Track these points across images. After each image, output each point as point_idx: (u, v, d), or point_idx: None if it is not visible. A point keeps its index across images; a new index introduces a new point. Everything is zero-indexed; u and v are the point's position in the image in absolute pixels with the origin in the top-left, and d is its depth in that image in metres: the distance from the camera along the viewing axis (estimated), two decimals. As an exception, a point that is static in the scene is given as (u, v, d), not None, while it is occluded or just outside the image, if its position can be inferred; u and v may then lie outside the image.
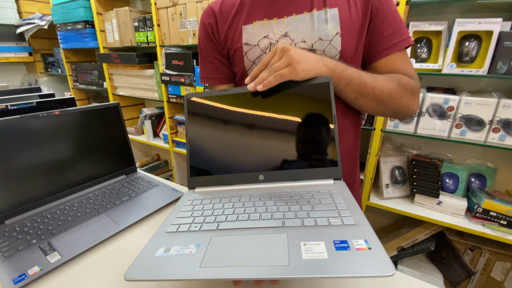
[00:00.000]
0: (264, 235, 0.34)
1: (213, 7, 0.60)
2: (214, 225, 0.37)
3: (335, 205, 0.39)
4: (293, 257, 0.29)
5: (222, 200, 0.45)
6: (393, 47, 0.53)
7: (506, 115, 0.83)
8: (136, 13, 1.54)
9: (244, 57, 0.57)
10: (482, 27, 0.79)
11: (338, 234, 0.32)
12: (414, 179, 1.05)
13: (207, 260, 0.30)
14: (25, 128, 0.60)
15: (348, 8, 0.52)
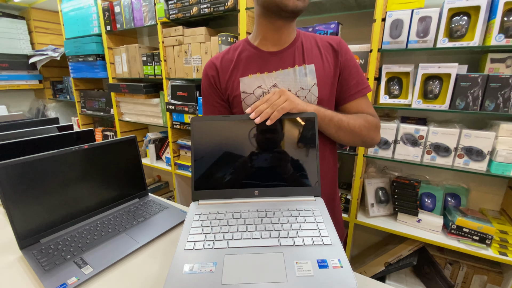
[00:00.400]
0: (266, 254, 0.44)
1: (214, 62, 0.74)
2: (224, 243, 0.47)
3: (317, 224, 0.50)
4: (290, 275, 0.39)
5: (226, 216, 0.53)
6: (358, 93, 0.69)
7: (468, 143, 0.97)
8: (144, 49, 1.70)
9: (242, 102, 0.70)
10: (441, 70, 0.95)
11: (320, 253, 0.43)
12: (395, 199, 1.17)
13: (226, 277, 0.40)
14: (60, 160, 0.71)
15: (322, 64, 0.68)
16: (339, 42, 0.69)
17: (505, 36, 0.85)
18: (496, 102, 0.89)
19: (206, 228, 0.51)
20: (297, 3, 0.59)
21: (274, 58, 0.68)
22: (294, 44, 0.68)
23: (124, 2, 1.63)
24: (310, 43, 0.69)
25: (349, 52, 0.69)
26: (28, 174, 0.65)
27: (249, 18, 1.24)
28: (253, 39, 0.72)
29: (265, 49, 0.69)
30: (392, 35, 0.97)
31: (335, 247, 0.44)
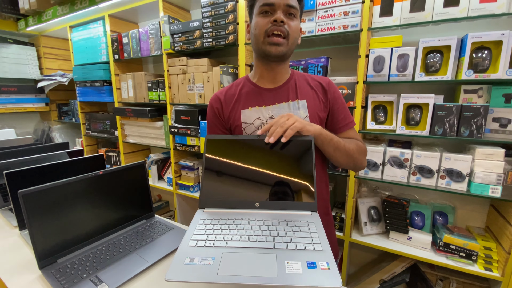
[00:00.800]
0: (260, 254, 0.49)
1: (219, 96, 0.84)
2: (223, 242, 0.53)
3: (310, 233, 0.55)
4: (280, 271, 0.45)
5: (227, 222, 0.59)
6: (345, 126, 0.80)
7: (449, 165, 1.06)
8: (150, 76, 1.82)
9: (243, 131, 0.80)
10: (420, 100, 1.06)
11: (310, 257, 0.48)
12: (387, 217, 1.24)
13: (222, 269, 0.46)
14: (77, 186, 0.79)
15: (313, 100, 0.78)
16: (328, 82, 0.80)
17: (474, 71, 0.97)
18: (470, 129, 0.99)
19: (209, 230, 0.57)
20: (279, 49, 0.71)
21: (270, 94, 0.79)
22: (288, 82, 0.79)
23: (132, 34, 1.77)
24: (302, 82, 0.80)
25: (337, 91, 0.80)
26: (48, 199, 0.73)
27: (248, 52, 1.37)
28: (252, 77, 0.83)
29: (262, 86, 0.80)
30: (375, 69, 1.09)
31: (325, 253, 0.49)
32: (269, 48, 0.70)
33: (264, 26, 0.69)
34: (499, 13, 0.90)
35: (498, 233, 1.10)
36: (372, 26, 1.08)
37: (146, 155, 2.23)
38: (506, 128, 0.98)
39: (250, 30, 0.76)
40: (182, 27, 1.51)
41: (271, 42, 0.69)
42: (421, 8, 0.99)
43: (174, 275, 0.45)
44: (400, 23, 1.03)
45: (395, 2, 1.03)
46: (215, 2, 1.36)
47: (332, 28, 1.12)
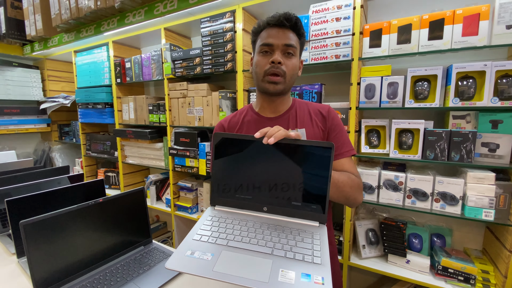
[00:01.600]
0: (257, 258, 0.50)
1: (223, 124, 0.88)
2: (225, 241, 0.54)
3: (313, 245, 0.54)
4: (272, 278, 0.45)
5: (233, 222, 0.60)
6: (342, 154, 0.80)
7: (442, 188, 1.08)
8: (151, 99, 1.88)
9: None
10: (411, 126, 1.10)
11: (306, 269, 0.47)
12: (384, 240, 1.24)
13: (218, 266, 0.47)
14: (76, 214, 0.80)
15: (312, 128, 0.81)
16: (328, 110, 0.83)
17: (460, 99, 1.02)
18: (460, 154, 1.02)
19: (215, 227, 0.59)
20: (277, 87, 0.75)
21: (271, 122, 0.82)
22: (289, 111, 0.83)
23: (134, 59, 1.84)
24: (303, 111, 0.83)
25: (336, 118, 0.83)
26: (48, 228, 0.74)
27: (245, 78, 1.42)
28: (255, 106, 0.87)
29: (264, 115, 0.84)
30: (367, 96, 1.14)
31: (323, 268, 0.48)
32: (267, 86, 0.75)
33: (263, 66, 0.74)
34: (481, 45, 0.96)
35: (494, 256, 1.11)
36: (362, 56, 1.14)
37: (145, 176, 2.24)
38: (495, 153, 1.02)
39: (252, 65, 0.81)
40: (183, 54, 1.58)
41: (269, 80, 0.74)
42: (407, 40, 1.06)
43: (173, 264, 0.48)
44: (388, 53, 1.10)
45: (383, 34, 1.09)
46: (214, 32, 1.44)
47: (324, 58, 1.18)
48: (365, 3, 1.16)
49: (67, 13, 1.73)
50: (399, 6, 1.22)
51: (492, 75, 0.96)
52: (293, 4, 1.30)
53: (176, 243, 1.86)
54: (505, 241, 1.02)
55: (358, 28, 1.11)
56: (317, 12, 1.18)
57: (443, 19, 1.00)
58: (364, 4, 1.14)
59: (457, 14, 0.98)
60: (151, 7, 1.48)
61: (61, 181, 1.32)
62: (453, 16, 0.99)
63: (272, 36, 0.73)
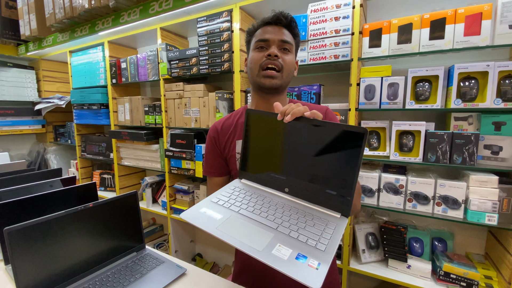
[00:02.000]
0: (260, 229, 0.51)
1: (217, 126, 0.85)
2: (237, 208, 0.57)
3: (322, 232, 0.50)
4: (266, 249, 0.46)
5: (252, 195, 0.62)
6: None
7: (444, 192, 1.06)
8: (147, 100, 1.85)
9: (237, 162, 0.80)
10: (412, 127, 1.08)
11: (305, 250, 0.46)
12: (385, 244, 1.21)
13: (222, 227, 0.52)
14: (65, 220, 0.77)
15: None
16: (326, 110, 0.80)
17: (462, 100, 0.99)
18: (462, 156, 1.00)
19: (234, 196, 0.63)
20: (273, 82, 0.72)
21: None
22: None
23: (130, 59, 1.81)
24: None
25: (334, 117, 0.80)
26: (35, 235, 0.70)
27: (242, 79, 1.40)
28: (250, 107, 0.84)
29: None
30: (366, 97, 1.11)
31: (324, 255, 0.45)
32: (263, 81, 0.72)
33: (259, 60, 0.72)
34: (483, 45, 0.94)
35: (497, 261, 1.08)
36: (362, 56, 1.11)
37: (141, 178, 2.20)
38: (498, 156, 0.99)
39: (247, 64, 0.79)
40: (179, 54, 1.55)
41: (265, 75, 0.72)
42: (408, 40, 1.03)
43: (187, 216, 0.55)
44: (388, 53, 1.07)
45: (383, 34, 1.07)
46: (211, 32, 1.41)
47: (323, 58, 1.16)
48: (364, 2, 1.14)
49: (61, 12, 1.70)
50: (399, 5, 1.20)
51: (495, 76, 0.94)
52: (291, 3, 1.27)
53: (172, 247, 1.82)
54: (509, 246, 1.00)
55: (357, 28, 1.08)
56: (316, 11, 1.16)
57: (444, 18, 0.98)
58: (364, 3, 1.12)
59: (458, 13, 0.96)
60: (146, 6, 1.46)
61: (53, 183, 1.28)
62: (455, 15, 0.96)
63: (268, 32, 0.72)
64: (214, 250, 1.99)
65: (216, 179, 0.87)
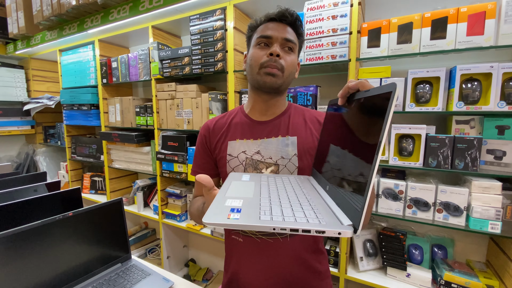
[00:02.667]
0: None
1: (209, 125, 0.80)
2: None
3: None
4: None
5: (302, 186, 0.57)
6: None
7: (445, 198, 1.01)
8: (138, 101, 1.79)
9: (227, 164, 0.75)
10: (412, 131, 1.03)
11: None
12: (383, 252, 1.17)
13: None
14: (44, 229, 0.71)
15: (306, 137, 0.73)
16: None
17: (465, 103, 0.95)
18: (465, 161, 0.96)
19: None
20: (274, 80, 0.68)
21: (260, 126, 0.75)
22: (281, 116, 0.75)
23: (121, 58, 1.75)
24: (297, 117, 0.76)
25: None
26: (7, 247, 0.65)
27: (237, 79, 1.34)
28: (245, 107, 0.80)
29: (254, 118, 0.76)
30: (365, 100, 1.07)
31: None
32: (264, 78, 0.68)
33: (259, 58, 0.68)
34: (487, 46, 0.89)
35: (499, 270, 1.04)
36: (360, 57, 1.07)
37: (132, 181, 2.14)
38: (501, 161, 0.95)
39: (246, 61, 0.74)
40: (171, 54, 1.49)
41: (266, 72, 0.67)
42: (408, 40, 0.99)
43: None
44: (388, 54, 1.03)
45: (382, 33, 1.02)
46: (204, 30, 1.36)
47: (320, 58, 1.11)
48: (362, 0, 1.09)
49: (48, 9, 1.64)
50: (399, 3, 1.16)
51: (498, 78, 0.90)
52: (287, 1, 1.22)
53: (164, 253, 1.76)
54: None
55: (355, 27, 1.04)
56: (312, 9, 1.11)
57: (446, 17, 0.93)
58: (362, 1, 1.07)
59: (461, 12, 0.91)
60: (136, 2, 1.40)
61: (37, 188, 1.22)
62: (457, 14, 0.92)
63: (271, 28, 0.68)
64: (208, 256, 1.93)
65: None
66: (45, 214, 0.93)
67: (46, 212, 0.94)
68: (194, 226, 1.60)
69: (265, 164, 0.72)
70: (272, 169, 0.72)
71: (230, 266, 0.78)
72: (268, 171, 0.72)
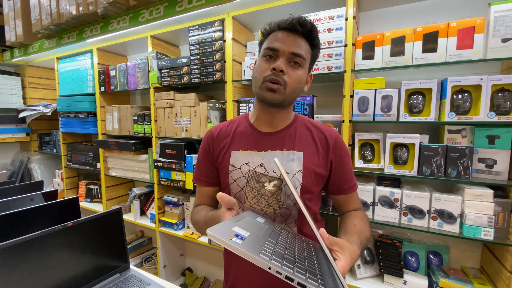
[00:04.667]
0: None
1: (213, 132, 0.80)
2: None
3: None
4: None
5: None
6: (349, 189, 0.76)
7: (439, 206, 1.04)
8: (136, 109, 1.79)
9: (229, 175, 0.75)
10: (406, 140, 1.06)
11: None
12: (380, 259, 1.18)
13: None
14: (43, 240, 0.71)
15: (312, 154, 0.72)
16: (336, 139, 0.74)
17: (456, 113, 0.98)
18: (457, 170, 0.98)
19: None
20: (275, 96, 0.66)
21: (265, 138, 0.74)
22: (287, 129, 0.74)
23: (119, 67, 1.76)
24: (304, 131, 0.75)
25: (344, 150, 0.75)
26: (4, 259, 0.64)
27: (235, 89, 1.37)
28: (251, 116, 0.79)
29: (259, 128, 0.75)
30: (360, 109, 1.10)
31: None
32: (265, 94, 0.66)
33: (263, 71, 0.66)
34: (476, 59, 0.93)
35: (493, 276, 1.06)
36: (355, 68, 1.10)
37: (129, 189, 2.12)
38: (493, 169, 0.98)
39: (253, 70, 0.72)
40: (170, 63, 1.51)
41: (267, 87, 0.65)
42: (401, 53, 1.02)
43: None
44: (382, 66, 1.06)
45: (376, 46, 1.06)
46: (203, 41, 1.39)
47: (316, 69, 1.14)
48: (357, 14, 1.14)
49: (47, 18, 1.65)
50: (391, 18, 1.20)
51: (488, 89, 0.94)
52: (284, 14, 1.26)
53: (160, 261, 1.75)
54: (505, 261, 0.98)
55: (350, 39, 1.07)
56: (309, 22, 1.15)
57: (437, 31, 0.97)
58: (356, 15, 1.12)
59: (451, 27, 0.96)
60: (136, 14, 1.42)
61: (34, 198, 1.20)
62: (447, 28, 0.96)
63: (279, 40, 0.65)
64: (205, 264, 1.92)
65: (206, 188, 0.82)
66: (43, 224, 0.92)
67: (43, 222, 0.93)
68: (191, 234, 1.59)
69: (268, 177, 0.71)
70: (275, 183, 0.71)
71: (230, 275, 0.79)
72: (271, 185, 0.71)
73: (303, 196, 0.71)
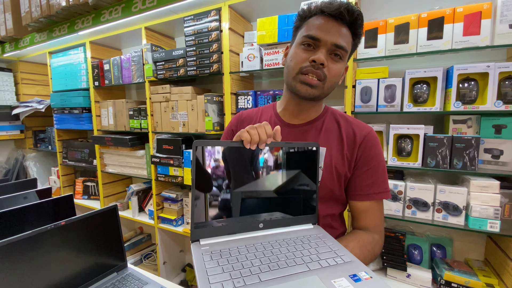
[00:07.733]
0: (302, 279, 0.44)
1: (241, 115, 0.79)
2: (255, 277, 0.43)
3: (329, 247, 0.53)
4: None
5: (240, 250, 0.49)
6: (368, 196, 0.64)
7: (444, 198, 1.02)
8: (131, 103, 1.75)
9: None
10: (410, 131, 1.03)
11: (347, 270, 0.46)
12: (383, 252, 1.16)
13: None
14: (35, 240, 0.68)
15: (336, 150, 0.65)
16: (365, 136, 0.65)
17: (462, 102, 0.95)
18: (463, 161, 0.96)
19: (226, 266, 0.45)
20: (310, 91, 0.60)
21: (288, 129, 0.69)
22: (314, 122, 0.69)
23: (113, 61, 1.71)
24: (332, 125, 0.68)
25: (373, 149, 0.65)
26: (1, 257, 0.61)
27: (233, 81, 1.33)
28: (278, 106, 0.75)
29: (284, 119, 0.71)
30: (363, 100, 1.06)
31: (356, 263, 0.48)
32: (299, 87, 0.60)
33: (301, 61, 0.59)
34: (483, 45, 0.90)
35: (498, 268, 1.04)
36: (357, 57, 1.06)
37: (126, 185, 2.09)
38: (499, 160, 0.96)
39: (287, 55, 0.65)
40: (165, 55, 1.47)
41: (303, 80, 0.59)
42: (405, 40, 0.99)
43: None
44: (385, 54, 1.02)
45: (379, 34, 1.02)
46: (198, 31, 1.34)
47: (317, 59, 1.10)
48: (359, 1, 1.09)
49: (37, 10, 1.59)
50: (395, 4, 1.16)
51: (495, 77, 0.90)
52: (283, 1, 1.21)
53: (160, 258, 1.73)
54: (511, 253, 0.96)
55: (352, 27, 1.03)
56: (309, 10, 1.10)
57: (442, 17, 0.94)
58: (358, 1, 1.07)
59: (457, 12, 0.92)
60: (129, 3, 1.37)
61: (28, 195, 1.17)
62: (453, 14, 0.92)
63: (323, 28, 0.57)
64: (205, 260, 1.90)
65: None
66: (36, 222, 0.89)
67: (37, 221, 0.90)
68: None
69: None
70: None
71: None
72: None
73: (320, 195, 0.65)
